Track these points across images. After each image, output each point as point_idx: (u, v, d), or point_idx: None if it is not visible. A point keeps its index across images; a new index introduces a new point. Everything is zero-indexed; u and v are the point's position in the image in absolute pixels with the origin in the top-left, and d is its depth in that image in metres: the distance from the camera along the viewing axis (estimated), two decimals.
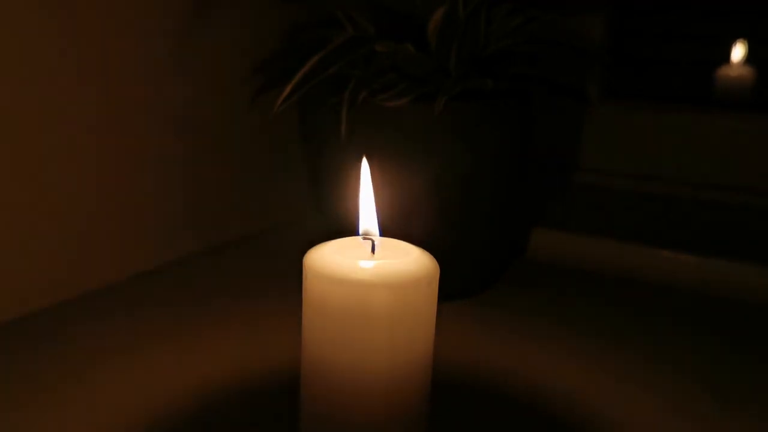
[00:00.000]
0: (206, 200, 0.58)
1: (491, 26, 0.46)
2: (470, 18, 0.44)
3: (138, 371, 0.39)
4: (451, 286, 0.49)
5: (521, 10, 0.47)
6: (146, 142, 0.52)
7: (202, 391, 0.37)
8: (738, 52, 0.78)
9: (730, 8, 0.77)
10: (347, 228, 0.32)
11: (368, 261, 0.27)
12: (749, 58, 0.77)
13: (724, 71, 0.78)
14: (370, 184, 0.30)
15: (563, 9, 0.68)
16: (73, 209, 0.48)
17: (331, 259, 0.27)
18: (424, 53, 0.44)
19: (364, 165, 0.30)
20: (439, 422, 0.33)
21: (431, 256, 0.28)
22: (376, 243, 0.29)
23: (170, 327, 0.45)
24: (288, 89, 0.42)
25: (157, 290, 0.51)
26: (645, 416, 0.37)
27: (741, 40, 0.78)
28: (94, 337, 0.43)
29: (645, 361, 0.43)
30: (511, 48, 0.47)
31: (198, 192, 0.57)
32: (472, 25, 0.45)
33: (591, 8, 0.74)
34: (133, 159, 0.51)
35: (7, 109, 0.42)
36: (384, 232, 0.30)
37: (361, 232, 0.29)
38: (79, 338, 0.43)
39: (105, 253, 0.50)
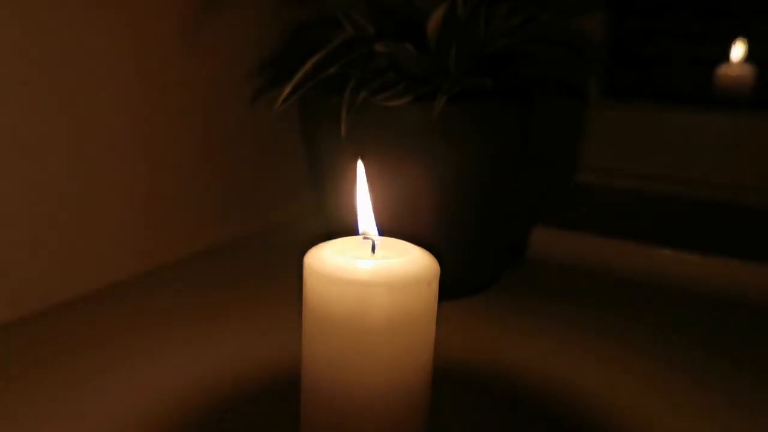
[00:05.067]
0: (206, 200, 0.58)
1: (491, 26, 0.46)
2: (470, 18, 0.44)
3: (139, 371, 0.39)
4: (451, 286, 0.49)
5: (521, 10, 0.47)
6: (146, 143, 0.52)
7: (203, 391, 0.37)
8: (738, 50, 0.78)
9: (730, 7, 0.77)
10: (347, 228, 0.32)
11: (368, 261, 0.27)
12: (749, 57, 0.77)
13: (724, 70, 0.78)
14: (366, 184, 0.30)
15: (563, 9, 0.68)
16: (73, 210, 0.48)
17: (332, 259, 0.27)
18: (423, 53, 0.44)
19: (360, 166, 0.30)
20: (440, 421, 0.33)
21: (431, 256, 0.28)
22: (376, 243, 0.29)
23: (170, 327, 0.45)
24: (288, 89, 0.42)
25: (157, 290, 0.51)
26: (644, 416, 0.37)
27: (741, 38, 0.78)
28: (93, 337, 0.43)
29: (645, 360, 0.43)
30: (511, 48, 0.47)
31: (198, 192, 0.57)
32: (472, 24, 0.45)
33: (591, 8, 0.74)
34: (132, 159, 0.51)
35: (6, 109, 0.42)
36: (384, 231, 0.30)
37: (361, 231, 0.29)
38: (79, 338, 0.43)
39: (104, 253, 0.50)
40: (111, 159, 0.50)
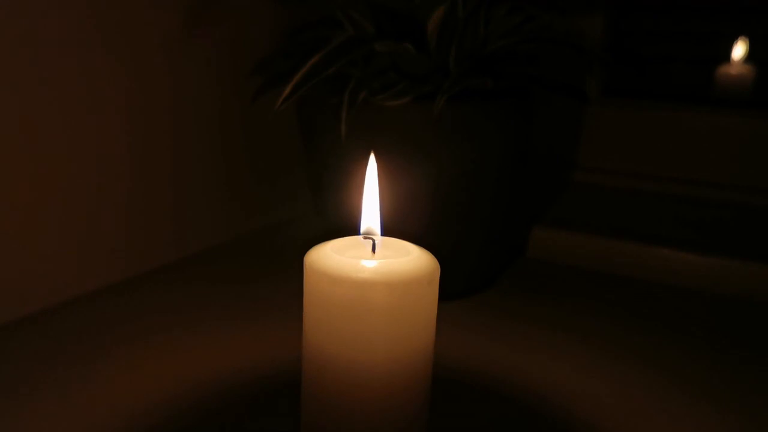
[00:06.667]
0: (206, 200, 0.58)
1: (491, 25, 0.46)
2: (470, 17, 0.44)
3: (140, 369, 0.39)
4: (452, 286, 0.49)
5: (521, 9, 0.47)
6: (146, 142, 0.52)
7: (204, 388, 0.37)
8: (739, 50, 0.78)
9: (731, 6, 0.77)
10: (347, 227, 0.32)
11: (369, 260, 0.27)
12: (750, 56, 0.77)
13: (724, 69, 0.78)
14: (377, 179, 0.29)
15: (563, 8, 0.68)
16: (73, 209, 0.48)
17: (332, 259, 0.27)
18: (423, 53, 0.44)
19: (371, 160, 0.30)
20: (439, 421, 0.33)
21: (432, 255, 0.28)
22: (376, 242, 0.29)
23: (172, 326, 0.45)
24: (288, 89, 0.42)
25: (158, 290, 0.51)
26: (644, 417, 0.37)
27: (742, 38, 0.78)
28: (94, 337, 0.43)
29: (645, 360, 0.43)
30: (511, 47, 0.47)
31: (198, 191, 0.57)
32: (472, 24, 0.45)
33: (591, 7, 0.74)
34: (132, 159, 0.51)
35: (5, 111, 0.42)
36: (384, 231, 0.30)
37: (362, 231, 0.29)
38: (80, 337, 0.43)
39: (104, 253, 0.50)
40: (109, 160, 0.50)
